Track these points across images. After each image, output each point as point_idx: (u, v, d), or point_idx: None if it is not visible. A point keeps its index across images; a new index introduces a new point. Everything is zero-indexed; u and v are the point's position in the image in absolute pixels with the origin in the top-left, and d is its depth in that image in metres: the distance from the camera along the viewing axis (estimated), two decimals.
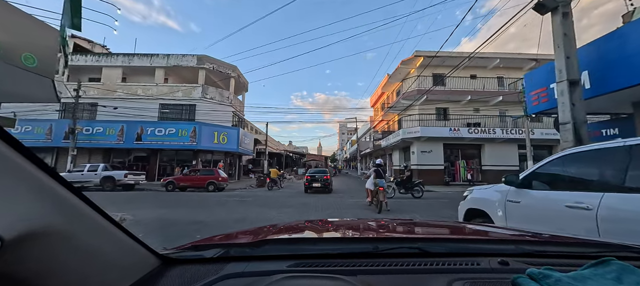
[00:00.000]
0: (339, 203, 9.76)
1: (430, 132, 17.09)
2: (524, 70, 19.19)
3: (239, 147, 19.11)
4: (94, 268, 0.59)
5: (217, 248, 0.93)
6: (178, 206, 8.67)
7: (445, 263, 0.84)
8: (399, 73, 20.65)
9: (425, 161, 17.75)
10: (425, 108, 18.26)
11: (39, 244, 0.48)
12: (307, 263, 0.84)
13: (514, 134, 17.08)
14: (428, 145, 17.81)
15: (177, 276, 0.78)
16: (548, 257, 0.93)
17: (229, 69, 19.92)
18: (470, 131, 17.06)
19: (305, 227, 1.49)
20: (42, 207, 0.49)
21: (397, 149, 21.77)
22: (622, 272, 0.62)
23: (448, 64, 17.61)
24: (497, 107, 18.63)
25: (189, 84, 18.50)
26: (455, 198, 11.97)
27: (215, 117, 18.24)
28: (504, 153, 17.89)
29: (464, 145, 18.37)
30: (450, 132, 16.99)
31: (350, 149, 41.03)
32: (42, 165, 0.50)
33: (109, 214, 0.65)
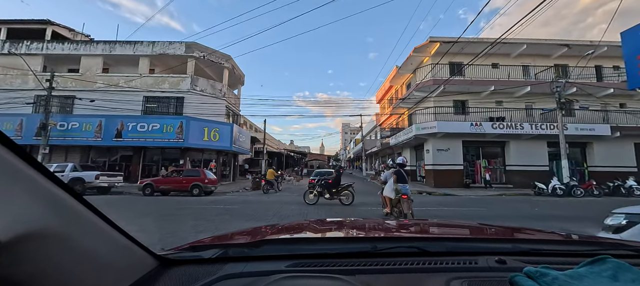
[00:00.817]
0: (349, 213, 7.78)
1: (448, 127, 15.02)
2: (552, 58, 17.10)
3: (233, 145, 17.18)
4: (91, 269, 0.58)
5: (215, 249, 0.93)
6: (141, 216, 6.72)
7: (443, 262, 0.84)
8: (410, 63, 18.59)
9: (442, 160, 15.67)
10: (442, 101, 16.18)
11: (35, 246, 0.47)
12: (306, 263, 0.84)
13: (545, 129, 14.96)
14: (445, 142, 15.74)
15: (175, 277, 0.78)
16: (545, 255, 0.94)
17: (221, 59, 18.00)
18: (494, 126, 14.96)
19: (303, 227, 1.50)
20: (38, 208, 0.49)
21: (409, 147, 19.70)
22: (618, 270, 0.62)
23: (467, 52, 15.58)
24: (522, 99, 16.51)
25: (176, 74, 16.59)
26: (476, 204, 9.95)
27: (206, 111, 16.32)
28: (532, 151, 15.77)
29: (486, 143, 16.27)
30: (471, 128, 14.90)
31: (355, 149, 38.99)
32: (38, 166, 0.50)
33: (105, 215, 0.64)
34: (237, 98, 21.29)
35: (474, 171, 16.29)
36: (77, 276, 0.55)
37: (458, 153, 15.79)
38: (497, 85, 15.47)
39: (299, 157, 40.65)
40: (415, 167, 19.55)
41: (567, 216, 7.14)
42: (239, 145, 18.57)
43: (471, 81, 15.43)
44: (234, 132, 17.53)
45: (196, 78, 16.76)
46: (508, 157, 16.21)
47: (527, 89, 15.58)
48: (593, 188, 12.02)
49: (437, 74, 15.67)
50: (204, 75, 18.02)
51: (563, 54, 16.71)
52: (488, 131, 14.91)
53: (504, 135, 15.33)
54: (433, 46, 16.37)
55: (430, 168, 15.98)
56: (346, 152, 59.31)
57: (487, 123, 15.06)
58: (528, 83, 15.50)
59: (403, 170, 6.07)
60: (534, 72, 16.62)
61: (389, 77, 24.08)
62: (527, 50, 16.43)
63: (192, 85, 16.49)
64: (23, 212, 0.46)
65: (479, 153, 16.48)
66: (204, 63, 17.75)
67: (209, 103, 16.61)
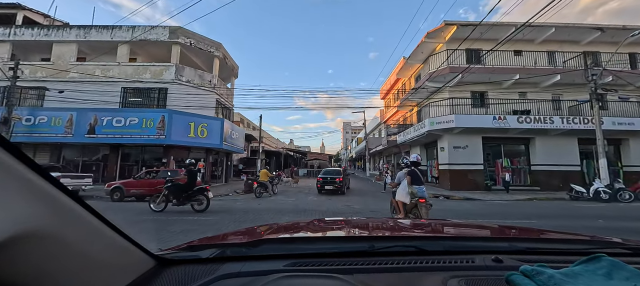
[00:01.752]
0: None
1: (467, 121, 13.17)
2: (582, 44, 15.22)
3: (224, 143, 15.35)
4: (88, 269, 0.58)
5: (213, 248, 0.93)
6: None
7: (441, 261, 0.84)
8: (421, 51, 16.73)
9: (459, 159, 13.83)
10: (457, 93, 14.33)
11: (32, 246, 0.47)
12: (304, 262, 0.84)
13: (578, 124, 13.10)
14: (462, 138, 13.89)
15: (173, 277, 0.78)
16: (541, 254, 0.94)
17: (211, 46, 16.17)
18: (520, 120, 13.10)
19: (301, 226, 1.50)
20: (35, 209, 0.48)
21: (419, 145, 17.85)
22: (612, 268, 0.62)
23: (486, 37, 13.74)
24: (549, 90, 14.67)
25: (158, 63, 14.77)
26: (514, 213, 7.78)
27: (193, 104, 14.49)
28: (561, 149, 13.92)
29: (508, 139, 14.41)
30: (494, 122, 13.05)
31: (357, 148, 37.15)
32: (34, 166, 0.49)
33: (102, 215, 0.64)
34: (230, 92, 19.46)
35: (495, 171, 14.44)
36: (74, 276, 0.55)
37: (477, 151, 13.95)
38: (523, 73, 13.61)
39: (299, 157, 38.81)
40: (427, 167, 17.68)
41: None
42: (231, 142, 16.74)
43: (493, 69, 13.57)
44: (225, 128, 15.70)
45: (182, 67, 14.93)
46: (533, 155, 14.36)
47: (556, 78, 13.71)
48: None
49: (453, 62, 13.83)
50: (191, 64, 16.19)
51: (594, 40, 14.86)
52: (513, 126, 13.05)
53: (529, 130, 13.49)
54: (448, 30, 14.53)
55: (446, 168, 14.14)
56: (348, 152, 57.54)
57: (512, 116, 13.20)
58: (558, 71, 13.63)
59: (417, 169, 5.13)
60: (560, 60, 14.75)
61: (395, 70, 22.22)
62: (554, 35, 14.56)
63: (177, 75, 14.66)
64: (19, 212, 0.46)
65: (499, 152, 14.63)
66: (191, 51, 15.92)
67: (196, 96, 14.78)
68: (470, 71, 13.11)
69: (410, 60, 18.05)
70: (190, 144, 14.06)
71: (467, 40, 11.50)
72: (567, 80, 13.86)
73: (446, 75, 13.79)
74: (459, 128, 13.26)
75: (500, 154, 14.59)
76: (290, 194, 12.80)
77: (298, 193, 13.07)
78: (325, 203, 10.02)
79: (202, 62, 17.20)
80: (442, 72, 13.67)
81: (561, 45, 15.10)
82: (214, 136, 14.85)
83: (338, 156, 67.67)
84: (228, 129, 16.22)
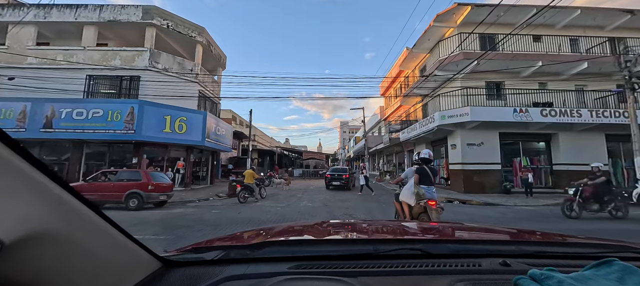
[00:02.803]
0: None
1: (484, 114, 11.52)
2: (607, 30, 13.68)
3: (207, 140, 13.50)
4: (94, 270, 0.59)
5: (218, 251, 0.93)
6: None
7: (446, 265, 0.83)
8: (428, 38, 15.06)
9: (473, 158, 12.19)
10: (471, 83, 12.68)
11: (39, 247, 0.47)
12: (308, 264, 0.84)
13: (609, 118, 11.54)
14: (477, 134, 12.25)
15: (178, 279, 0.78)
16: (550, 258, 0.92)
17: (192, 30, 14.30)
18: (544, 113, 11.49)
19: (305, 229, 1.48)
20: (43, 210, 0.49)
21: (424, 142, 16.19)
22: (624, 273, 0.60)
23: (503, 21, 12.11)
24: (572, 80, 13.10)
25: (130, 48, 12.87)
26: (561, 225, 5.78)
27: (171, 95, 12.63)
28: (586, 146, 12.34)
29: (528, 135, 12.81)
30: (515, 115, 11.42)
31: (355, 147, 35.45)
32: (42, 167, 0.49)
33: (108, 216, 0.64)
34: (217, 84, 17.59)
35: (511, 172, 12.83)
36: (80, 277, 0.56)
37: (494, 149, 12.31)
38: (546, 60, 11.99)
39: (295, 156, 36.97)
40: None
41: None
42: (216, 139, 14.89)
43: (513, 55, 11.93)
44: (209, 123, 13.84)
45: (157, 52, 13.06)
46: (555, 153, 12.78)
47: (583, 66, 12.13)
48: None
49: (466, 48, 12.18)
50: (170, 50, 14.30)
51: (622, 25, 13.33)
52: (536, 119, 11.44)
53: (552, 125, 11.89)
54: (460, 12, 12.88)
55: (458, 169, 12.48)
56: (345, 151, 55.96)
57: (534, 109, 11.58)
58: (585, 58, 12.05)
59: (428, 167, 4.45)
60: (583, 46, 13.19)
61: (397, 62, 20.56)
62: (577, 19, 13.01)
63: (152, 61, 12.77)
64: (26, 213, 0.46)
65: (517, 150, 13.01)
66: (169, 35, 14.04)
67: (175, 86, 12.91)
68: (487, 57, 11.45)
69: (415, 49, 16.37)
70: (166, 140, 12.19)
71: (482, 24, 9.87)
72: (593, 69, 12.33)
73: (459, 62, 12.14)
74: (474, 122, 11.61)
75: (518, 152, 12.98)
76: (281, 199, 11.01)
77: (290, 198, 11.29)
78: (320, 211, 8.26)
79: (183, 49, 15.32)
80: (455, 58, 12.00)
81: (584, 30, 13.55)
82: (194, 131, 12.99)
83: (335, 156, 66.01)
84: (212, 124, 14.37)
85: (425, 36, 14.96)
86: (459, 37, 12.73)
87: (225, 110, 33.34)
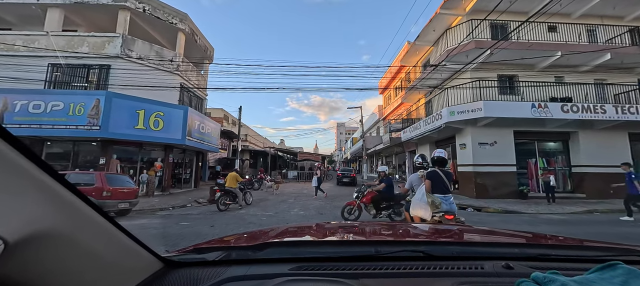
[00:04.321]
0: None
1: (499, 109, 10.28)
2: (627, 20, 12.59)
3: (188, 138, 12.03)
4: (97, 270, 0.58)
5: (219, 251, 0.93)
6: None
7: (449, 267, 0.82)
8: (433, 29, 13.84)
9: (485, 159, 10.93)
10: (482, 77, 11.44)
11: (42, 247, 0.48)
12: (309, 266, 0.83)
13: (634, 114, 10.39)
14: (490, 132, 11.01)
15: (180, 279, 0.78)
16: (553, 261, 0.91)
17: (173, 16, 12.85)
18: (564, 109, 10.28)
19: (307, 230, 1.47)
20: (46, 210, 0.49)
21: (428, 142, 14.92)
22: (629, 276, 0.60)
23: (516, 9, 10.98)
24: (591, 73, 11.96)
25: (99, 33, 11.38)
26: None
27: (148, 88, 11.16)
28: (608, 146, 11.19)
29: (545, 134, 11.60)
30: (533, 111, 10.19)
31: (352, 148, 34.16)
32: (46, 167, 0.49)
33: (111, 217, 0.64)
34: (203, 79, 16.13)
35: (526, 174, 11.59)
36: (82, 277, 0.56)
37: (508, 149, 11.07)
38: (566, 50, 10.80)
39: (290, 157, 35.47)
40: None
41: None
42: (200, 138, 13.42)
43: (529, 44, 10.71)
44: (191, 120, 12.39)
45: (131, 39, 11.58)
46: (574, 153, 11.58)
47: (604, 58, 10.99)
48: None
49: (477, 37, 10.95)
50: (148, 38, 12.81)
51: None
52: (556, 116, 10.22)
53: (571, 123, 10.71)
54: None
55: (468, 171, 11.20)
56: (342, 153, 54.75)
57: (555, 104, 10.36)
58: (610, 49, 10.89)
59: (442, 171, 3.55)
60: (603, 37, 12.07)
61: (398, 57, 19.34)
62: (596, 8, 11.88)
63: (125, 48, 11.29)
64: (29, 213, 0.46)
65: (533, 150, 11.79)
66: (146, 21, 12.58)
67: (152, 77, 11.44)
68: (501, 47, 10.22)
69: (418, 42, 15.13)
70: (139, 138, 10.69)
71: (494, 11, 8.66)
72: (615, 61, 11.21)
73: (469, 53, 10.90)
74: (487, 119, 10.36)
75: (533, 153, 11.75)
76: (269, 205, 9.58)
77: (279, 204, 9.88)
78: (314, 219, 6.86)
79: (162, 37, 13.86)
80: (466, 48, 10.74)
81: (602, 20, 12.43)
82: (173, 129, 11.52)
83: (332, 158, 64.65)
84: (195, 121, 12.90)
85: (430, 26, 13.73)
86: (468, 25, 11.52)
87: (217, 109, 31.80)
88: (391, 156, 23.57)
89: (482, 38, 11.24)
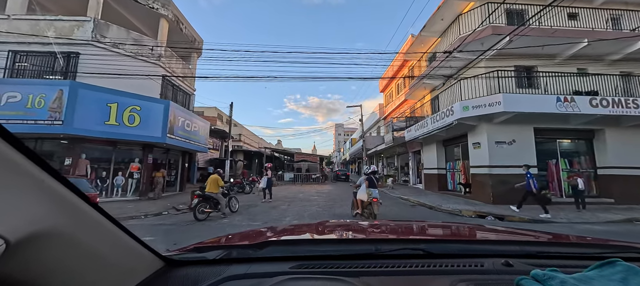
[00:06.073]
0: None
1: (521, 103, 9.11)
2: None
3: (169, 136, 10.74)
4: (98, 269, 0.59)
5: (220, 250, 0.94)
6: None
7: (448, 265, 0.83)
8: (441, 17, 12.69)
9: (503, 160, 9.74)
10: (498, 68, 10.26)
11: (44, 246, 0.48)
12: (309, 264, 0.84)
13: None
14: (507, 130, 9.83)
15: (180, 278, 0.79)
16: (552, 258, 0.91)
17: (154, 0, 11.56)
18: (593, 103, 9.12)
19: (306, 229, 1.47)
20: (47, 209, 0.49)
21: (435, 142, 13.74)
22: (628, 274, 0.60)
23: None
24: (617, 66, 10.83)
25: (68, 17, 10.08)
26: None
27: (124, 80, 9.87)
28: (637, 145, 10.03)
29: (567, 132, 10.45)
30: (558, 105, 9.02)
31: (351, 149, 32.94)
32: (47, 167, 0.49)
33: (112, 216, 0.64)
34: (191, 73, 14.84)
35: (548, 177, 10.41)
36: (84, 276, 0.56)
37: (529, 148, 9.88)
38: (593, 37, 9.66)
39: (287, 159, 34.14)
40: (446, 171, 13.54)
41: None
42: (184, 136, 12.13)
43: (552, 31, 9.55)
44: (174, 116, 11.11)
45: (105, 24, 10.30)
46: (600, 153, 10.41)
47: (634, 47, 9.86)
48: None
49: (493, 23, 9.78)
50: (126, 24, 11.50)
51: None
52: (584, 110, 9.05)
53: (597, 120, 9.55)
54: None
55: (483, 173, 9.99)
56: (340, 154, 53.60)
57: (581, 98, 9.19)
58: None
59: (374, 176, 6.63)
60: (628, 25, 10.95)
61: (401, 50, 18.17)
62: None
63: (97, 33, 10.01)
64: (33, 212, 0.46)
65: (554, 149, 10.62)
66: (122, 4, 11.32)
67: (128, 67, 10.15)
68: (522, 34, 9.05)
69: (424, 33, 13.97)
70: (111, 136, 9.39)
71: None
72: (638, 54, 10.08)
73: (485, 40, 9.72)
74: (507, 114, 9.17)
75: (554, 153, 10.58)
76: (257, 214, 8.29)
77: (270, 211, 8.60)
78: None
79: (143, 23, 12.58)
80: (481, 34, 9.56)
81: (627, 6, 11.33)
82: (152, 125, 10.23)
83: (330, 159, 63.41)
84: (179, 118, 11.62)
85: (438, 15, 12.58)
86: (482, 10, 10.38)
87: (210, 107, 30.50)
88: (392, 157, 22.37)
89: (499, 24, 10.07)
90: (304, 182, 23.20)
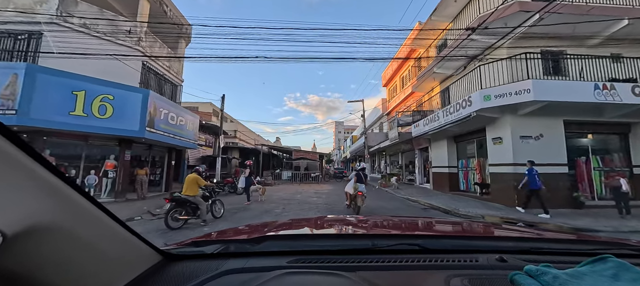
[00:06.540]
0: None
1: (553, 91, 7.84)
2: None
3: (148, 129, 9.48)
4: (95, 263, 0.59)
5: (218, 244, 0.94)
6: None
7: (444, 260, 0.83)
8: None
9: (529, 157, 8.42)
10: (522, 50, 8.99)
11: (41, 240, 0.48)
12: (307, 259, 0.84)
13: None
14: (534, 123, 8.58)
15: (178, 272, 0.78)
16: (546, 254, 0.91)
17: None
18: (637, 91, 7.86)
19: (304, 224, 1.47)
20: (45, 204, 0.49)
21: (445, 137, 12.49)
22: (619, 269, 0.61)
23: None
24: None
25: None
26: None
27: (96, 66, 8.60)
28: None
29: (599, 125, 9.20)
30: (596, 93, 7.76)
31: (352, 147, 31.69)
32: (44, 162, 0.50)
33: (110, 210, 0.64)
34: (177, 60, 13.53)
35: (578, 176, 9.17)
36: (82, 270, 0.56)
37: (558, 144, 8.65)
38: (634, 14, 8.39)
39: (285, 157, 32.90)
40: (458, 170, 12.31)
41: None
42: (168, 131, 10.87)
43: (588, 8, 8.28)
44: (154, 107, 9.84)
45: (73, 0, 8.99)
46: (637, 150, 9.18)
47: None
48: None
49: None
50: (99, 3, 10.17)
51: None
52: (626, 100, 7.80)
53: (635, 111, 8.30)
54: None
55: (506, 172, 8.76)
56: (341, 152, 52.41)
57: (623, 86, 7.93)
58: None
59: (362, 173, 7.30)
60: None
61: (406, 41, 16.87)
62: None
63: (62, 10, 8.71)
64: (28, 206, 0.46)
65: (585, 146, 9.38)
66: None
67: (100, 51, 8.85)
68: (552, 11, 7.77)
69: (434, 17, 12.68)
70: (77, 128, 8.11)
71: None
72: None
73: (509, 19, 8.45)
74: (536, 103, 7.92)
75: (584, 149, 9.34)
76: (246, 219, 7.05)
77: (262, 216, 7.36)
78: None
79: (119, 3, 11.25)
80: (506, 12, 8.29)
81: None
82: (128, 117, 8.96)
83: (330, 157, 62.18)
84: (161, 110, 10.34)
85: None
86: None
87: (205, 103, 29.08)
88: (397, 154, 21.12)
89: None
90: (303, 180, 21.97)
